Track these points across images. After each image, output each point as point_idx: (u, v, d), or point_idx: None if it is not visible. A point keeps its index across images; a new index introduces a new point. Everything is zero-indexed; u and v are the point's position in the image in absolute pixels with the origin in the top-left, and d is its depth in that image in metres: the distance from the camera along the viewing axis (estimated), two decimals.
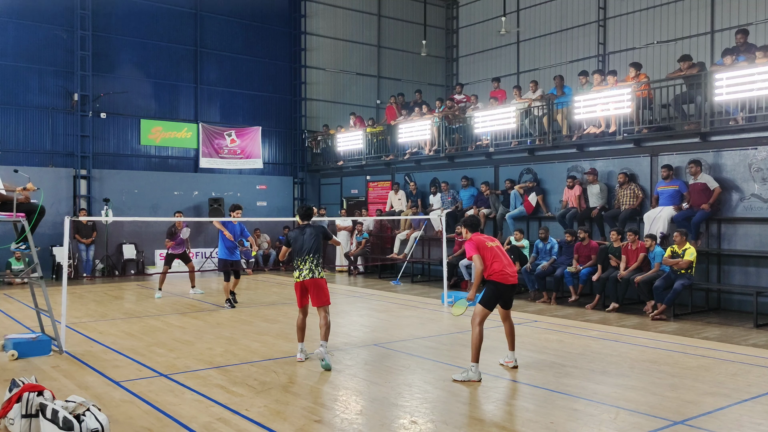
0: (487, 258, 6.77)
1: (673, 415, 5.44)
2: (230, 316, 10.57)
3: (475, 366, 6.52)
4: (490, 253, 6.80)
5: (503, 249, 7.06)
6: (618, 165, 12.80)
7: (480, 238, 6.94)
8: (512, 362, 7.10)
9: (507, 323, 7.13)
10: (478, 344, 6.55)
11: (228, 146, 19.58)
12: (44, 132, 16.82)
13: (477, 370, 6.52)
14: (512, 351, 7.14)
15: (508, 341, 7.16)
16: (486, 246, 6.83)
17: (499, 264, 6.75)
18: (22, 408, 4.89)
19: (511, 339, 7.14)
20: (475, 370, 6.51)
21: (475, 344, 6.56)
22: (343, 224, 17.91)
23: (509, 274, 6.78)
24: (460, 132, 16.55)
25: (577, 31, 19.53)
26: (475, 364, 6.53)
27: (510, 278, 6.78)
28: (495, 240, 7.06)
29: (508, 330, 7.14)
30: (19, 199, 7.54)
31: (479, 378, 6.50)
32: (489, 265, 6.78)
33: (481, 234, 7.09)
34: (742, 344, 8.38)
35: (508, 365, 7.10)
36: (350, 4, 22.14)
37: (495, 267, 6.76)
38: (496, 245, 6.92)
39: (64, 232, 8.18)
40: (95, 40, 17.30)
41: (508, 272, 6.77)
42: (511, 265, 6.88)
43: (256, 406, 5.68)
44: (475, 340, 6.57)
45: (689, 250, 10.21)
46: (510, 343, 7.15)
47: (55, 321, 7.79)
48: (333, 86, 22.03)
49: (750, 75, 10.58)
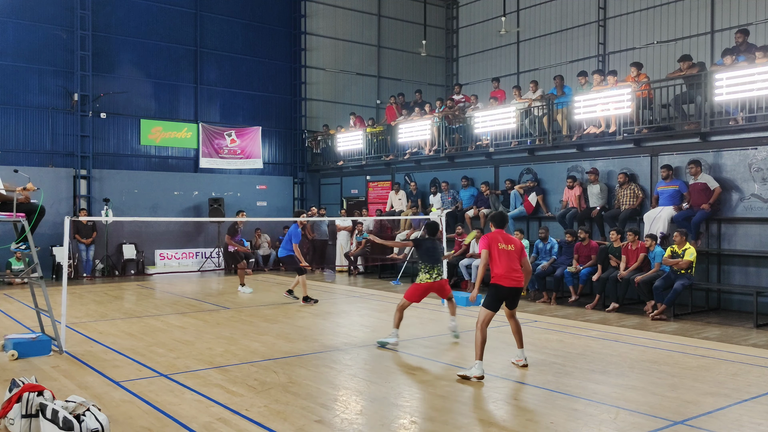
0: (494, 258, 6.84)
1: (673, 415, 5.44)
2: (230, 316, 10.58)
3: (478, 363, 6.59)
4: (499, 254, 6.84)
5: (520, 253, 6.97)
6: (618, 165, 12.80)
7: (497, 236, 6.96)
8: (522, 360, 7.12)
9: (512, 321, 7.17)
10: (481, 344, 6.65)
11: (228, 146, 19.59)
12: (44, 132, 16.82)
13: (480, 366, 6.57)
14: (521, 349, 7.17)
15: (515, 339, 7.19)
16: (497, 246, 6.87)
17: (502, 267, 6.79)
18: (22, 408, 4.89)
19: (519, 337, 7.17)
20: (478, 366, 6.57)
21: (477, 344, 6.65)
22: (343, 224, 17.91)
23: (512, 278, 6.80)
24: (460, 132, 16.55)
25: (577, 31, 19.53)
26: (478, 362, 6.59)
27: (512, 282, 6.80)
28: (513, 242, 6.97)
29: (514, 328, 7.17)
30: (19, 199, 7.54)
31: (482, 374, 6.53)
32: (493, 266, 6.85)
33: (502, 233, 7.07)
34: (742, 344, 8.38)
35: (518, 363, 7.12)
36: (350, 4, 22.14)
37: (497, 270, 6.81)
38: (511, 249, 6.89)
39: (64, 232, 8.18)
40: (95, 40, 17.31)
41: (510, 276, 6.79)
42: (516, 270, 6.86)
43: (256, 406, 5.68)
44: (477, 341, 6.66)
45: (689, 250, 10.22)
46: (518, 341, 7.18)
47: (55, 321, 7.79)
48: (333, 86, 22.03)
49: (750, 75, 10.58)
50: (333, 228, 18.28)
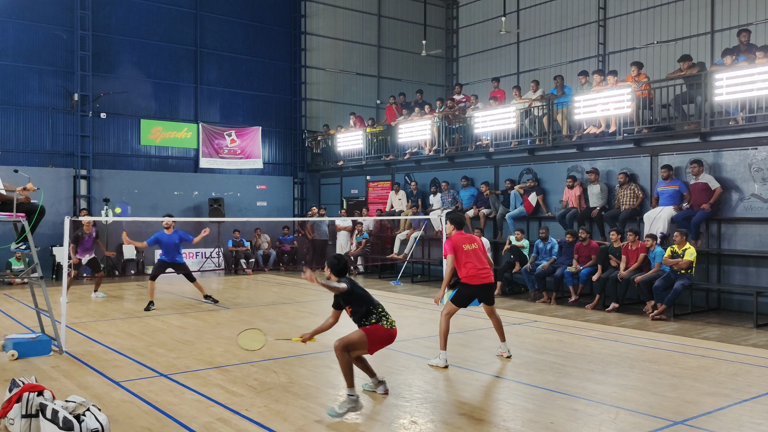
0: (461, 260, 7.07)
1: (673, 415, 5.44)
2: (230, 316, 10.58)
3: (442, 353, 7.02)
4: (466, 255, 7.08)
5: (483, 249, 7.25)
6: (618, 165, 12.79)
7: (460, 238, 7.19)
8: (506, 352, 7.45)
9: (493, 318, 7.44)
10: (443, 334, 7.04)
11: (228, 146, 19.58)
12: (44, 132, 16.81)
13: (444, 357, 7.00)
14: (503, 342, 7.48)
15: (498, 334, 7.50)
16: (462, 248, 7.10)
17: (472, 267, 7.06)
18: (22, 408, 4.89)
19: (500, 331, 7.47)
20: (441, 356, 7.01)
21: (441, 334, 7.05)
22: (343, 224, 17.91)
23: (482, 276, 7.08)
24: (460, 132, 16.55)
25: (577, 31, 19.53)
26: (442, 352, 7.02)
27: (483, 279, 7.09)
28: (476, 241, 7.25)
29: (495, 324, 7.46)
30: (20, 199, 7.54)
31: (445, 364, 6.96)
32: (461, 267, 7.09)
33: (464, 234, 7.31)
34: (742, 344, 8.38)
35: (503, 355, 7.46)
36: (350, 4, 22.13)
37: (467, 270, 7.07)
38: (474, 247, 7.14)
39: (64, 232, 8.18)
40: (95, 40, 17.30)
41: (480, 274, 7.08)
42: (485, 267, 7.13)
43: (256, 406, 5.68)
44: (441, 330, 7.06)
45: (689, 250, 10.21)
46: (500, 335, 7.48)
47: (55, 321, 7.79)
48: (333, 86, 22.03)
49: (750, 75, 10.58)
50: (333, 228, 18.28)
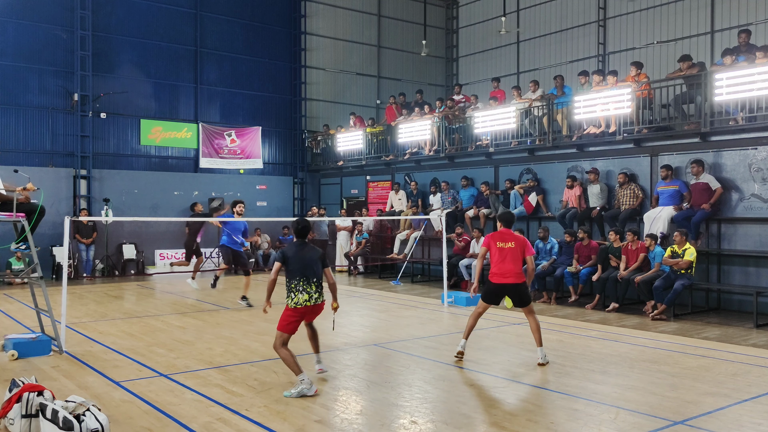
0: (491, 257, 7.35)
1: (673, 415, 5.44)
2: (230, 316, 10.57)
3: (463, 342, 7.41)
4: (495, 252, 7.30)
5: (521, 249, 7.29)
6: (618, 165, 12.79)
7: (494, 235, 7.44)
8: (539, 359, 7.23)
9: (529, 319, 7.42)
10: (470, 325, 7.48)
11: (228, 146, 19.58)
12: (44, 132, 16.81)
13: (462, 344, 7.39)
14: (539, 347, 7.29)
15: (534, 338, 7.38)
16: (495, 245, 7.32)
17: (496, 266, 7.28)
18: (22, 408, 4.89)
19: (535, 335, 7.33)
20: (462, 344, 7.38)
21: (468, 325, 7.50)
22: (343, 224, 17.91)
23: (503, 276, 7.23)
24: (460, 132, 16.54)
25: (577, 31, 19.52)
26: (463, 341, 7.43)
27: (500, 279, 7.25)
28: (514, 240, 7.32)
29: (532, 326, 7.38)
30: (19, 199, 7.54)
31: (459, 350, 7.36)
32: (491, 264, 7.37)
33: (503, 231, 7.43)
34: (742, 344, 8.38)
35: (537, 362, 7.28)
36: (350, 4, 22.13)
37: (491, 268, 7.33)
38: (510, 246, 7.27)
39: (64, 232, 8.18)
40: (95, 40, 17.30)
41: (502, 273, 7.24)
42: (509, 269, 7.23)
43: (256, 406, 5.68)
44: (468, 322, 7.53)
45: (689, 250, 10.21)
46: (535, 339, 7.34)
47: (55, 321, 7.79)
48: (333, 86, 22.02)
49: (750, 75, 10.58)
50: (333, 228, 18.28)
